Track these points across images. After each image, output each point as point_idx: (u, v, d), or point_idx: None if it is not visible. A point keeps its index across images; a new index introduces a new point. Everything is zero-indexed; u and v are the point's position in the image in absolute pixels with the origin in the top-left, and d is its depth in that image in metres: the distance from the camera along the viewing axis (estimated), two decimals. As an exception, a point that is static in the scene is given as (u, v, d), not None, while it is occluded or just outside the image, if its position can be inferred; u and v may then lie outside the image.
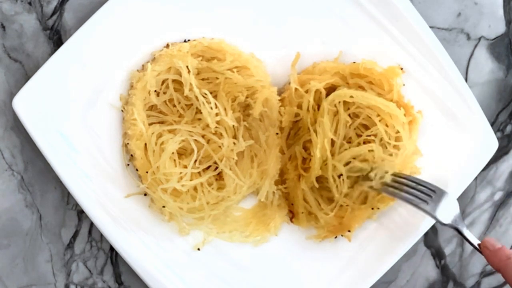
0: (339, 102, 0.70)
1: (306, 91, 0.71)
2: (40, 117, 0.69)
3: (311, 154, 0.70)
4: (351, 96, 0.69)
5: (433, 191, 0.65)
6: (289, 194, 0.73)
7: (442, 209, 0.65)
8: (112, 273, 0.75)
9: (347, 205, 0.71)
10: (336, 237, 0.72)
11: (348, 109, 0.70)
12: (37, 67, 0.71)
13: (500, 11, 0.78)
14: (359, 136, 0.70)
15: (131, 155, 0.71)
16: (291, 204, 0.73)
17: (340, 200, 0.70)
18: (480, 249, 0.65)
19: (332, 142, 0.70)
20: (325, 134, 0.69)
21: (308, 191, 0.71)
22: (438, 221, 0.65)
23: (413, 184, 0.66)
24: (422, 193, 0.66)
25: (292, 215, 0.73)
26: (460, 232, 0.65)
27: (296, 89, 0.71)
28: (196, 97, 0.69)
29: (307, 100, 0.71)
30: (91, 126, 0.70)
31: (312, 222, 0.73)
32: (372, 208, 0.71)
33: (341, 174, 0.69)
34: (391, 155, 0.69)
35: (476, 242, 0.65)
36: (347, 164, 0.69)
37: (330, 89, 0.72)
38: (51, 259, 0.74)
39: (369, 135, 0.70)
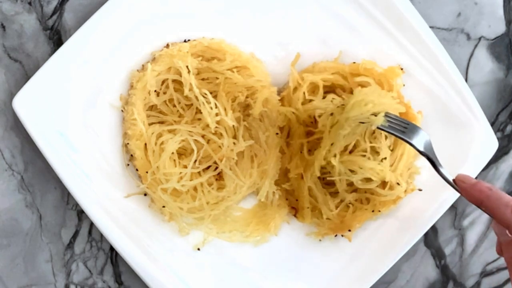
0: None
1: None
2: (40, 117, 0.69)
3: (304, 147, 0.70)
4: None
5: (408, 124, 0.66)
6: (293, 191, 0.73)
7: (418, 139, 0.65)
8: (112, 273, 0.75)
9: (349, 203, 0.71)
10: (336, 236, 0.72)
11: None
12: (37, 67, 0.71)
13: (500, 11, 0.78)
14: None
15: (131, 155, 0.71)
16: (296, 200, 0.73)
17: (345, 196, 0.70)
18: (455, 184, 0.63)
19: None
20: (337, 145, 0.68)
21: (314, 185, 0.71)
22: (414, 147, 0.65)
23: (393, 120, 0.67)
24: (400, 126, 0.66)
25: (296, 211, 0.73)
26: (433, 163, 0.65)
27: (295, 87, 0.71)
28: (196, 97, 0.69)
29: (300, 92, 0.71)
30: (91, 126, 0.70)
31: (315, 219, 0.72)
32: (373, 211, 0.71)
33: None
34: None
35: (450, 178, 0.64)
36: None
37: (330, 88, 0.72)
38: (51, 259, 0.74)
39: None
